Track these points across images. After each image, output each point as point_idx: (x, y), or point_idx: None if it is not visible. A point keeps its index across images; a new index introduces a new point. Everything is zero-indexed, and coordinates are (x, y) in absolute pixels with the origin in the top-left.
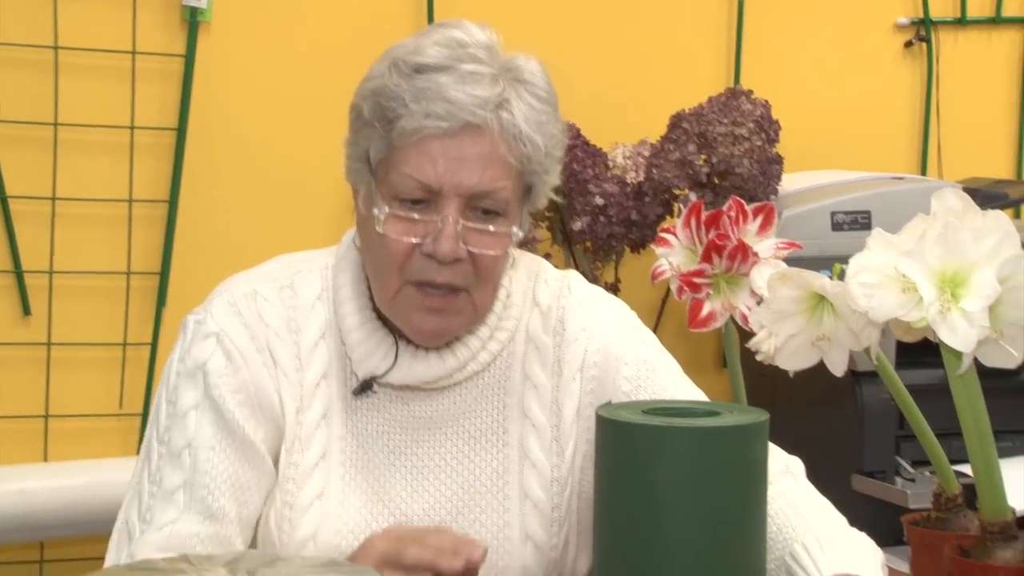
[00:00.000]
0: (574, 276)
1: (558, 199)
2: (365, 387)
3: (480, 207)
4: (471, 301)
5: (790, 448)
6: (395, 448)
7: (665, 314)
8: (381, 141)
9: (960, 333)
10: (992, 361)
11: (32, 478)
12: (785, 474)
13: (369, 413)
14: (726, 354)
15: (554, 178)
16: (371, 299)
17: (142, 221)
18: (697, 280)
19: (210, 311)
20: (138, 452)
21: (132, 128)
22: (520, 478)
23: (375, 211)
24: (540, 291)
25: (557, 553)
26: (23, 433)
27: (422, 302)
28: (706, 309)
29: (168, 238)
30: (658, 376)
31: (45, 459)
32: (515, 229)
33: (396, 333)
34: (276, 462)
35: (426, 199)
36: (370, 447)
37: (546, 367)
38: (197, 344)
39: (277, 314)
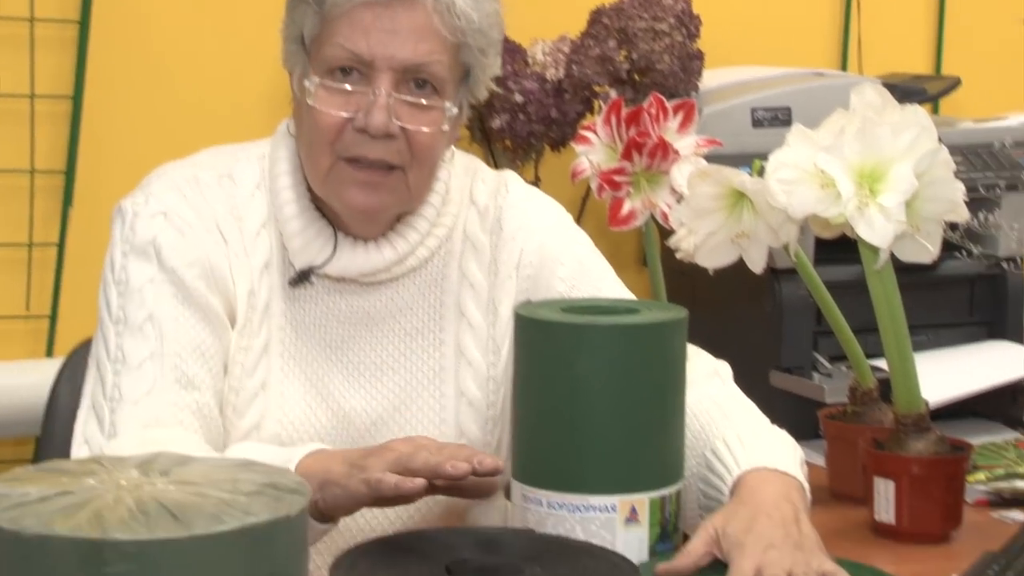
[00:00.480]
0: (511, 176)
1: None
2: (302, 277)
3: (414, 80)
4: (405, 181)
5: (709, 345)
6: (332, 342)
7: (585, 213)
8: (314, 17)
9: (877, 228)
10: (908, 256)
11: None
12: (712, 376)
13: (307, 305)
14: (646, 252)
15: (493, 65)
16: (309, 189)
17: (45, 117)
18: (617, 178)
19: (150, 193)
20: (50, 354)
21: (32, 20)
22: (456, 376)
23: (306, 83)
24: (477, 190)
25: (491, 450)
26: None
27: (354, 177)
28: (626, 207)
29: (73, 135)
30: (593, 277)
31: None
32: (449, 105)
33: (335, 224)
34: None
35: (358, 71)
36: (308, 339)
37: (483, 266)
38: (143, 223)
39: (220, 200)
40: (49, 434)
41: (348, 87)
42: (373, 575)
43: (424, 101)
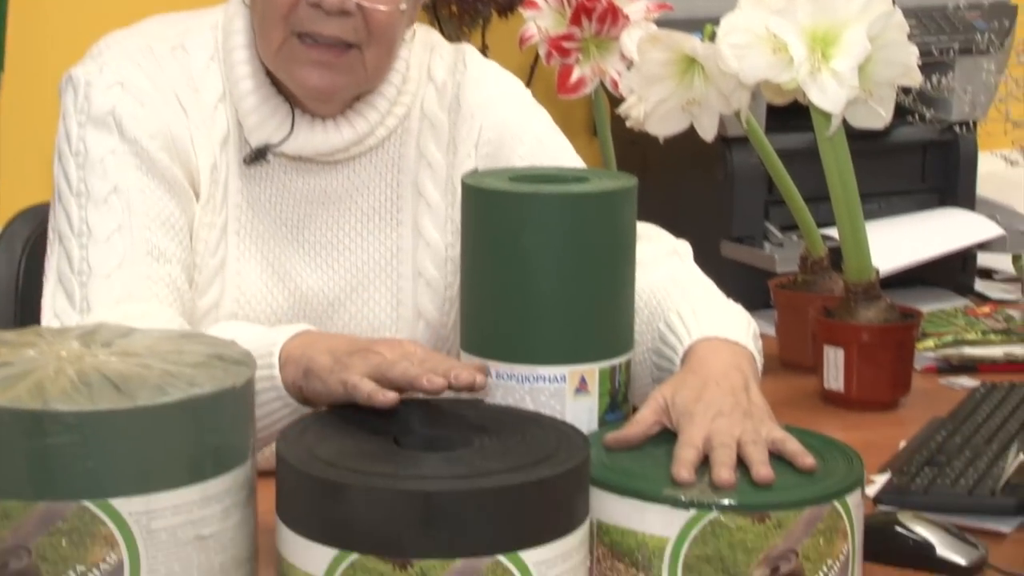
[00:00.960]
0: (469, 50)
1: None
2: (258, 156)
3: None
4: (362, 60)
5: (660, 216)
6: (288, 221)
7: (534, 80)
8: None
9: (830, 93)
10: (861, 122)
11: None
12: (671, 255)
13: (263, 183)
14: (596, 121)
15: None
16: (264, 67)
17: None
18: (566, 44)
19: (104, 63)
20: None
21: None
22: (413, 257)
23: None
24: (435, 65)
25: (446, 331)
26: None
27: (308, 55)
28: (575, 74)
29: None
30: (552, 154)
31: None
32: None
33: (292, 101)
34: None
35: None
36: (265, 218)
37: (441, 145)
38: (98, 94)
39: (175, 69)
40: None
41: None
42: (320, 447)
43: None
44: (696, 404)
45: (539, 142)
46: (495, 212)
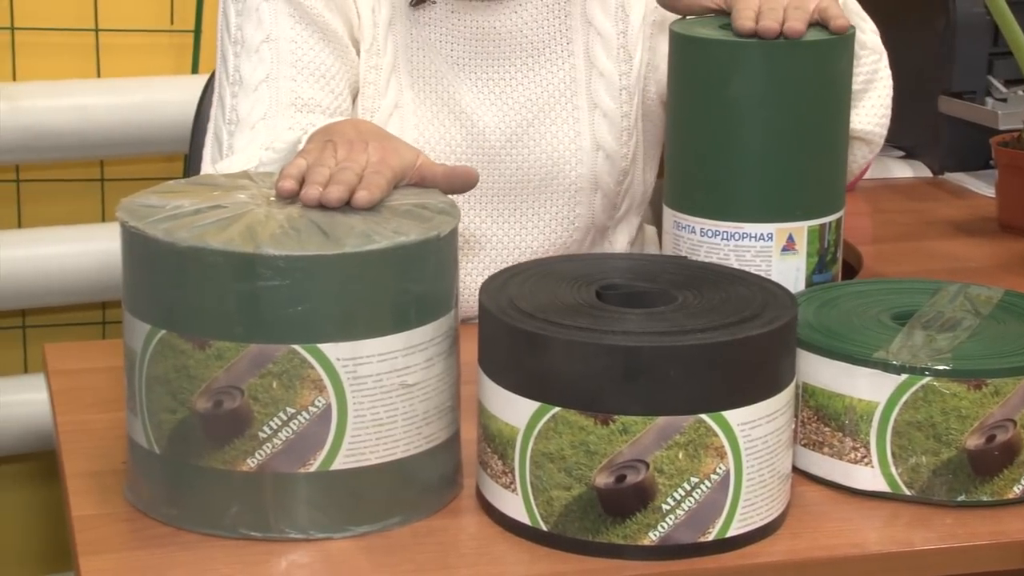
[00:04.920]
0: None
1: None
2: None
3: None
4: None
5: None
6: (459, 60)
7: None
8: None
9: None
10: None
11: (87, 94)
12: None
13: (430, 26)
14: None
15: None
16: None
17: None
18: None
19: None
20: (194, 71)
21: None
22: (588, 88)
23: None
24: None
25: (627, 163)
26: (74, 48)
27: None
28: None
29: None
30: None
31: (98, 74)
32: None
33: None
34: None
35: None
36: (435, 57)
37: None
38: None
39: None
40: (197, 150)
41: None
42: (522, 296)
43: None
44: None
45: None
46: (704, 61)
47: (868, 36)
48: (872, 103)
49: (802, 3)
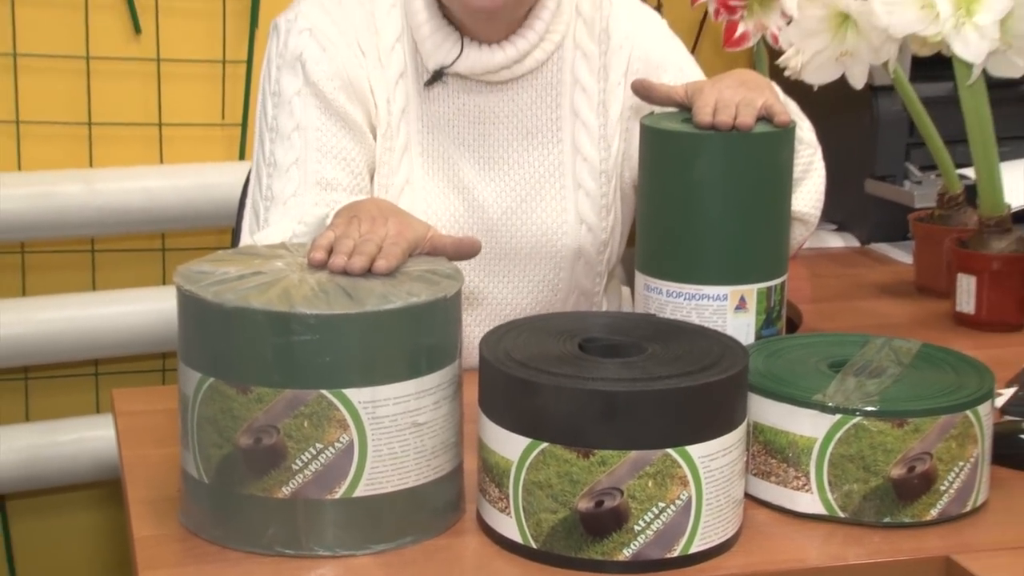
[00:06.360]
0: None
1: None
2: (436, 77)
3: None
4: None
5: None
6: (463, 139)
7: (703, 35)
8: None
9: (972, 45)
10: (999, 71)
11: (152, 178)
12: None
13: (440, 103)
14: (757, 71)
15: None
16: (438, 3)
17: None
18: (732, 2)
19: (299, 11)
20: (240, 157)
21: None
22: (573, 170)
23: None
24: (583, 2)
25: (606, 235)
26: (141, 139)
27: None
28: (740, 30)
29: None
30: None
31: (161, 161)
32: None
33: (461, 30)
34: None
35: None
36: (443, 137)
37: (593, 72)
38: (292, 38)
39: (360, 16)
40: (242, 224)
41: None
42: (517, 348)
43: None
44: (706, 84)
45: (680, 71)
46: (670, 149)
47: (806, 133)
48: (809, 189)
49: (751, 101)
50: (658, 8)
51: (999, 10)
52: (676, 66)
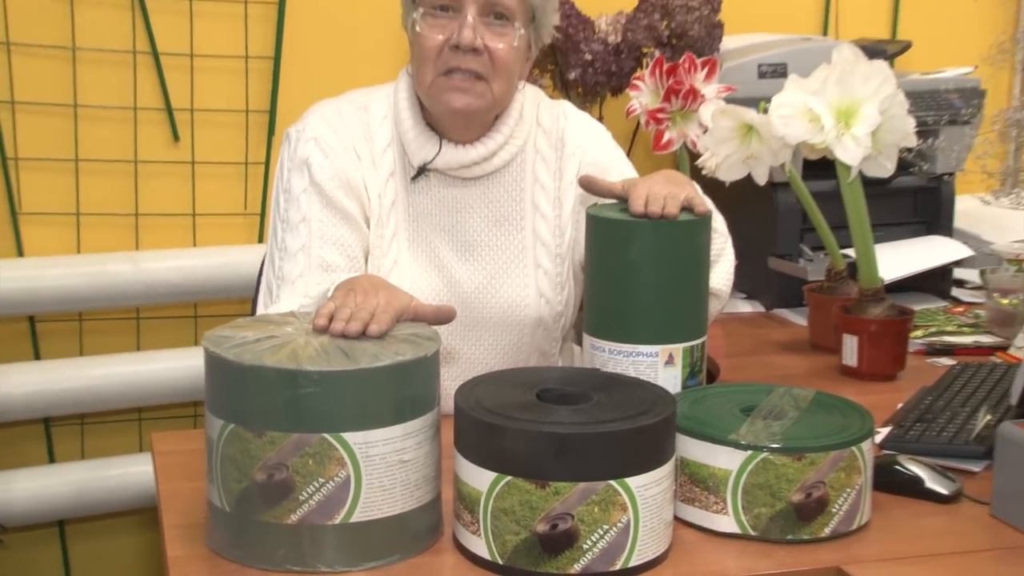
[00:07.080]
0: (567, 104)
1: (559, 36)
2: (420, 171)
3: (492, 14)
4: (490, 89)
5: None
6: (443, 226)
7: (636, 141)
8: None
9: (850, 151)
10: (872, 172)
11: (186, 258)
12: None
13: (423, 196)
14: (679, 170)
15: (552, 15)
16: (422, 110)
17: (255, 72)
18: (659, 115)
19: (307, 123)
20: (259, 241)
21: (245, 2)
22: (534, 253)
23: (414, 16)
24: (542, 115)
25: (561, 307)
26: (178, 226)
27: (452, 84)
28: (666, 137)
29: (274, 86)
30: None
31: (194, 244)
32: (519, 25)
33: (440, 133)
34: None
35: (452, 7)
36: (426, 224)
37: (550, 172)
38: (301, 145)
39: (356, 126)
40: (258, 297)
41: (444, 21)
42: (486, 397)
43: (500, 25)
44: (639, 181)
45: (621, 174)
46: (611, 234)
47: (720, 225)
48: (722, 270)
49: (676, 195)
50: (600, 119)
51: (871, 124)
52: (618, 171)
